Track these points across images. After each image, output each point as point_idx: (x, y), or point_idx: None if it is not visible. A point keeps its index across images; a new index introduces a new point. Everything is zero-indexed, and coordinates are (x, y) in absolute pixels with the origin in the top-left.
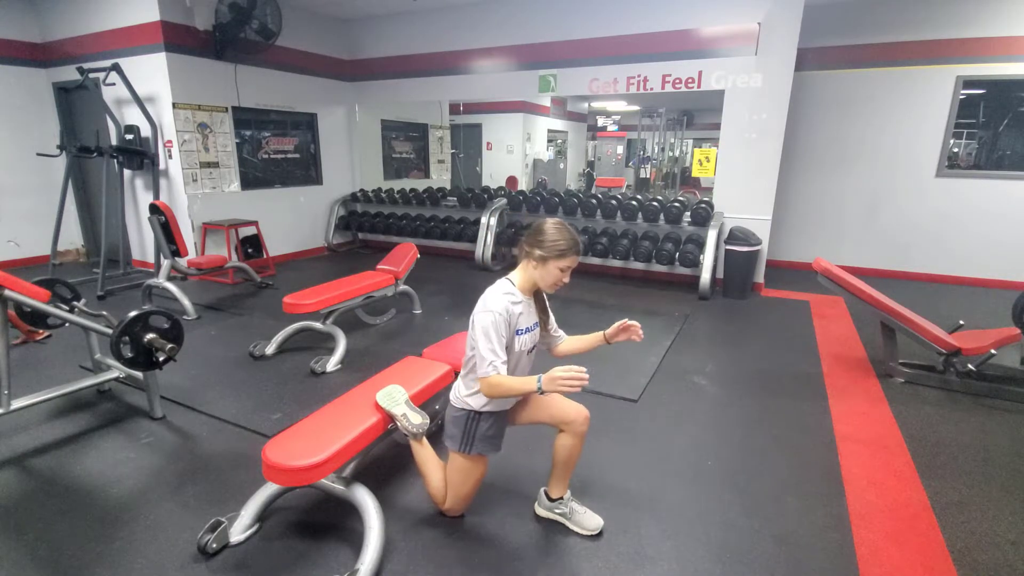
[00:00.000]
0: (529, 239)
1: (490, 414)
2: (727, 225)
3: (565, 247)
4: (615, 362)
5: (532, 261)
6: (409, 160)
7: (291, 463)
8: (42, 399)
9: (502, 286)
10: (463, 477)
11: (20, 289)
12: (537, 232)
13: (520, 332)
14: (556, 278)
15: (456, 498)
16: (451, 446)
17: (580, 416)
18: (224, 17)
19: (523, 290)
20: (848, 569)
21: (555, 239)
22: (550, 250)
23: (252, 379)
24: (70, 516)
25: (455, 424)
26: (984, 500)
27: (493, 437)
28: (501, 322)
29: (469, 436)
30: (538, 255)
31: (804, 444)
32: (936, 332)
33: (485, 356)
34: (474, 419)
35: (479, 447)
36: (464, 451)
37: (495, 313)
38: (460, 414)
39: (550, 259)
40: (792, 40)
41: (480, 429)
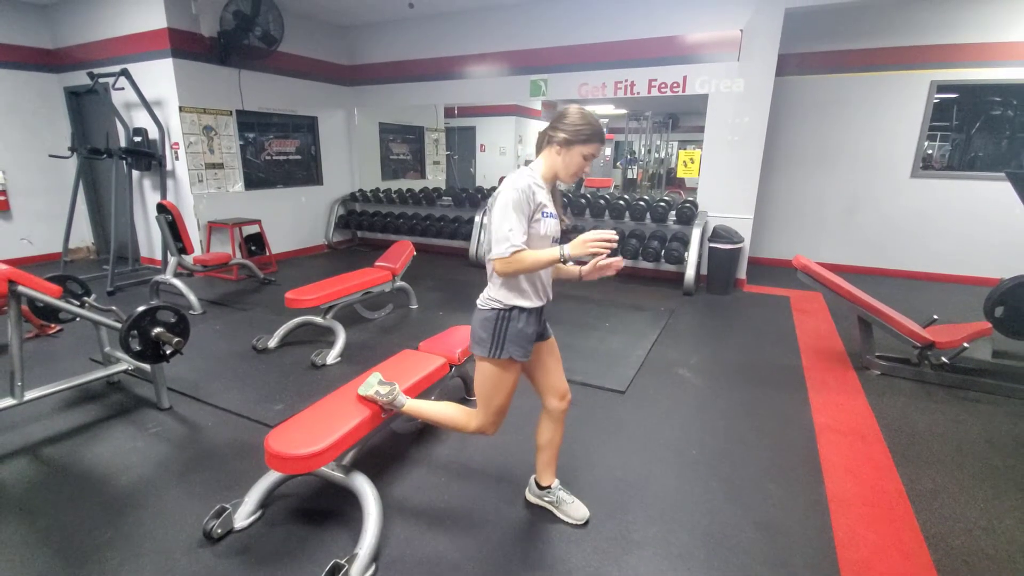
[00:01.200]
0: (553, 124)
1: (521, 310)
2: (711, 224)
3: (591, 132)
4: (603, 355)
5: (555, 146)
6: (406, 161)
7: (293, 452)
8: (54, 390)
9: (524, 171)
10: (493, 386)
11: (33, 285)
12: (562, 116)
13: (546, 214)
14: (579, 165)
15: (487, 412)
16: (479, 352)
17: (561, 397)
18: (228, 24)
19: (545, 178)
20: (826, 553)
21: (580, 123)
22: (576, 134)
23: (255, 371)
24: (81, 503)
25: (483, 326)
26: (957, 488)
27: (524, 338)
28: (524, 200)
29: (499, 337)
30: (562, 138)
31: (784, 434)
32: (911, 326)
33: (504, 234)
34: (504, 317)
35: (509, 349)
36: (494, 355)
37: (519, 190)
38: (490, 314)
39: (576, 143)
40: (773, 46)
41: (511, 328)
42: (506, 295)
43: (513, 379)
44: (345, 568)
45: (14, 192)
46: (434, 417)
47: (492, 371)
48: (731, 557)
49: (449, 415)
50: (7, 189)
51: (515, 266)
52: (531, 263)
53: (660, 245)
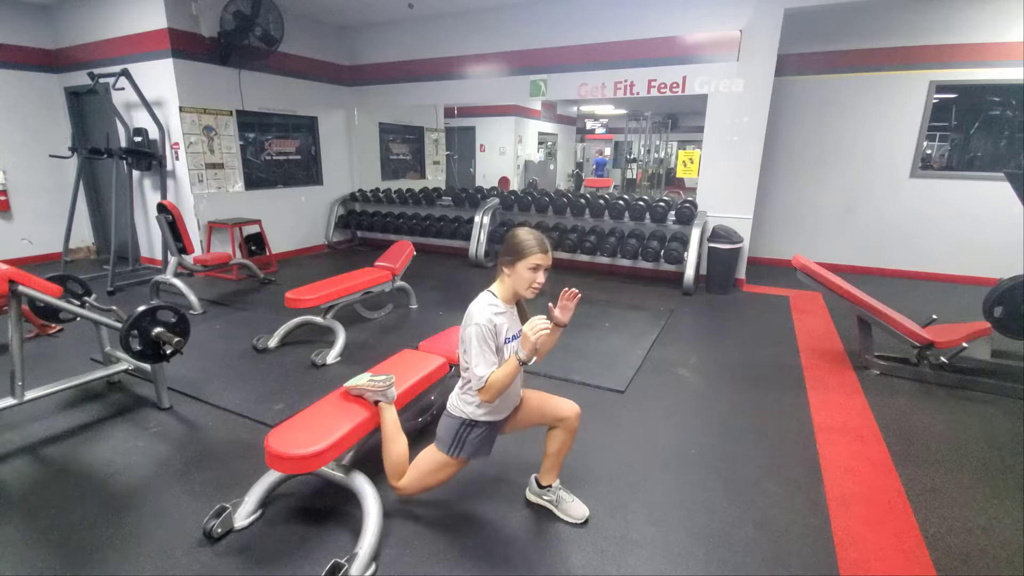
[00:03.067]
0: (501, 252)
1: (484, 423)
2: (710, 224)
3: (528, 246)
4: (602, 354)
5: (504, 270)
6: (406, 161)
7: (293, 451)
8: (55, 390)
9: (484, 298)
10: (434, 470)
11: (33, 285)
12: (505, 242)
13: (508, 340)
14: (529, 279)
15: (416, 482)
16: (439, 447)
17: (573, 413)
18: (229, 25)
19: (505, 300)
20: (826, 553)
21: (519, 242)
22: (516, 254)
23: (255, 371)
24: (81, 502)
25: (447, 429)
26: (956, 487)
27: (483, 444)
28: (486, 333)
29: (459, 441)
30: (507, 260)
31: (784, 433)
32: (910, 326)
33: (479, 365)
34: (467, 427)
35: (467, 451)
36: (451, 454)
37: (479, 325)
38: (454, 420)
39: (517, 262)
40: (772, 47)
41: (471, 436)
42: (473, 410)
43: (454, 471)
44: (345, 567)
45: (14, 192)
46: (389, 443)
47: (441, 461)
48: (730, 556)
49: (397, 456)
50: (8, 189)
51: (494, 388)
52: (501, 378)
53: (660, 245)
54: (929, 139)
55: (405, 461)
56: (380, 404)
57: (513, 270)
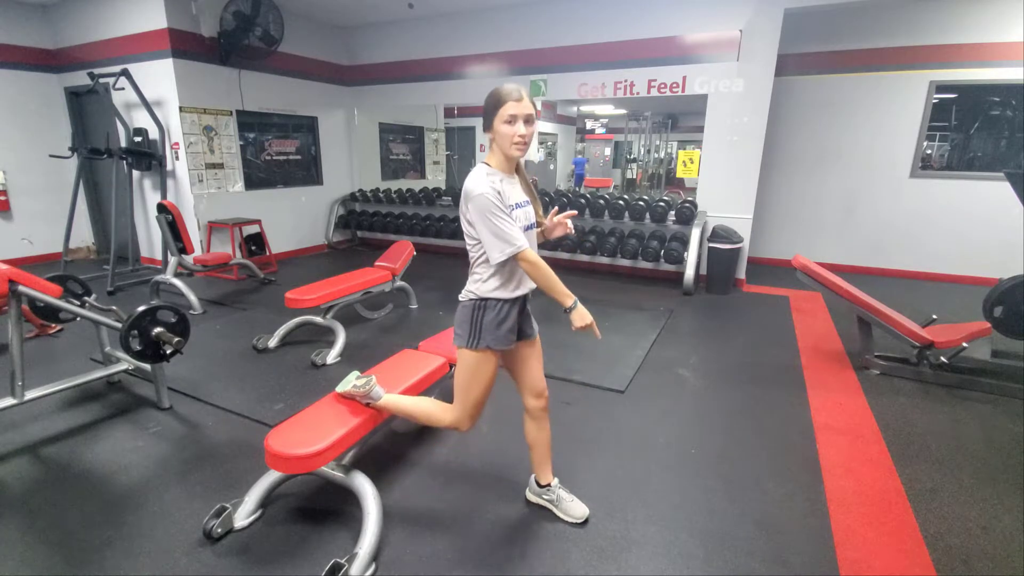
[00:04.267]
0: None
1: (497, 301)
2: (710, 224)
3: (495, 98)
4: (602, 355)
5: (488, 134)
6: (406, 161)
7: (293, 451)
8: (54, 390)
9: (479, 169)
10: (471, 376)
11: (33, 285)
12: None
13: (513, 208)
14: (509, 132)
15: (464, 405)
16: (459, 343)
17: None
18: (229, 24)
19: (499, 167)
20: (826, 552)
21: (491, 97)
22: (490, 110)
23: (255, 371)
24: (81, 502)
25: (461, 317)
26: (956, 487)
27: (502, 328)
28: (495, 198)
29: (476, 327)
30: (487, 123)
31: (784, 433)
32: (910, 326)
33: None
34: (480, 307)
35: (486, 339)
36: (471, 345)
37: (483, 195)
38: (467, 305)
39: (492, 118)
40: (773, 46)
41: (487, 318)
42: (481, 287)
43: (491, 371)
44: (345, 567)
45: (14, 192)
46: (410, 411)
47: (470, 361)
48: (730, 556)
49: (424, 408)
50: (8, 189)
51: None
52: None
53: (659, 245)
54: (929, 139)
55: (437, 405)
56: (370, 405)
57: (494, 131)
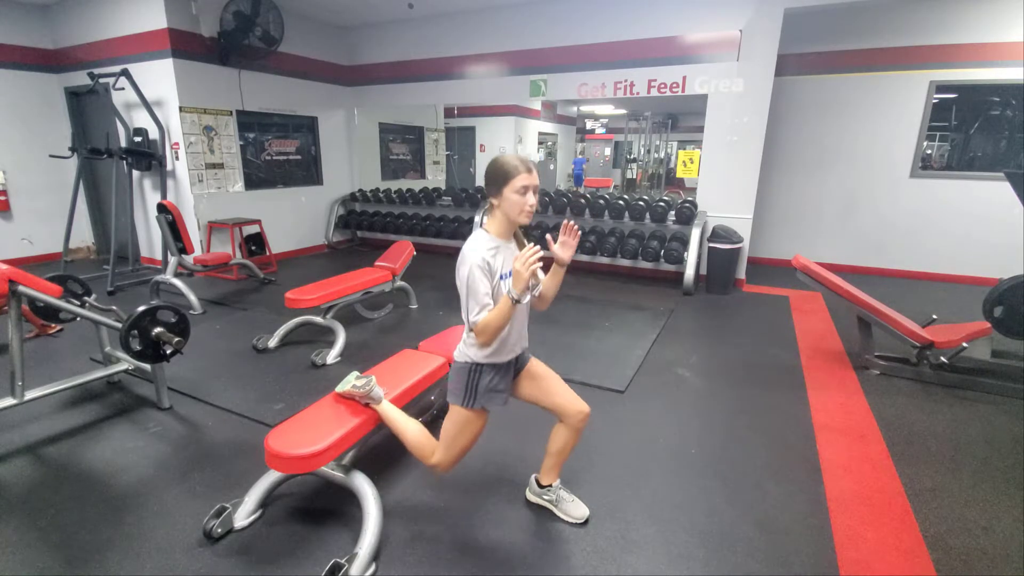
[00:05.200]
0: (485, 184)
1: (492, 366)
2: (710, 224)
3: (508, 169)
4: (602, 354)
5: (493, 200)
6: (406, 161)
7: (293, 451)
8: (55, 390)
9: (477, 236)
10: (459, 429)
11: (33, 285)
12: (487, 174)
13: (504, 277)
14: (519, 203)
15: (448, 451)
16: (453, 401)
17: (579, 413)
18: (229, 24)
19: (499, 234)
20: (826, 553)
21: (500, 166)
22: (501, 180)
23: (255, 371)
24: (81, 502)
25: (457, 378)
26: (956, 487)
27: (496, 390)
28: (478, 273)
29: (471, 389)
30: (493, 190)
31: (784, 433)
32: (910, 326)
33: (472, 308)
34: (476, 371)
35: (482, 400)
36: (467, 405)
37: (471, 265)
38: (462, 367)
39: (503, 188)
40: (772, 47)
41: (482, 382)
42: (476, 352)
43: (480, 426)
44: (345, 567)
45: (14, 192)
46: (400, 431)
47: (462, 417)
48: (730, 556)
49: (415, 438)
50: (7, 189)
51: (488, 329)
52: (495, 319)
53: (660, 245)
54: (929, 139)
55: (427, 439)
56: (371, 406)
57: (501, 198)
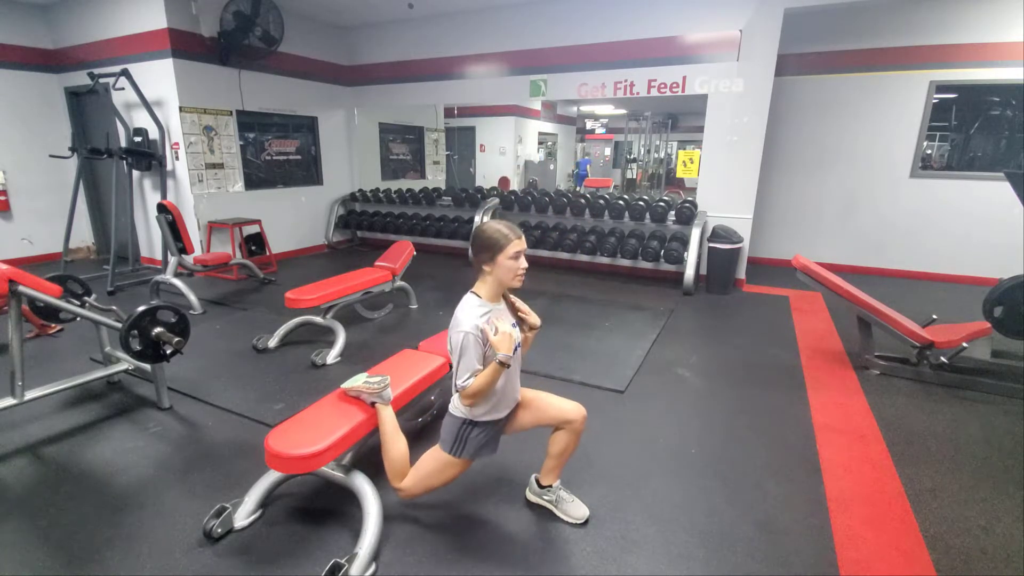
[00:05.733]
0: (474, 252)
1: (484, 423)
2: (710, 224)
3: (502, 237)
4: (602, 354)
5: (485, 267)
6: (406, 161)
7: (293, 451)
8: (54, 390)
9: (469, 301)
10: (437, 471)
11: (33, 285)
12: (475, 241)
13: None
14: (513, 269)
15: (417, 484)
16: (442, 447)
17: (577, 415)
18: (229, 24)
19: (490, 298)
20: (826, 553)
21: (490, 236)
22: (493, 248)
23: (255, 371)
24: (81, 502)
25: (448, 428)
26: (956, 487)
27: (485, 444)
28: (471, 341)
29: (461, 441)
30: (486, 258)
31: (784, 433)
32: (910, 326)
33: (462, 373)
34: (467, 426)
35: (469, 452)
36: (454, 454)
37: (464, 333)
38: (455, 421)
39: (497, 255)
40: (772, 47)
41: (472, 436)
42: (472, 410)
43: (458, 472)
44: (345, 567)
45: (14, 192)
46: (388, 443)
47: (443, 461)
48: (730, 556)
49: (398, 455)
50: (7, 189)
51: (476, 395)
52: (484, 387)
53: (659, 245)
54: (929, 139)
55: (406, 462)
56: (376, 405)
57: (494, 265)
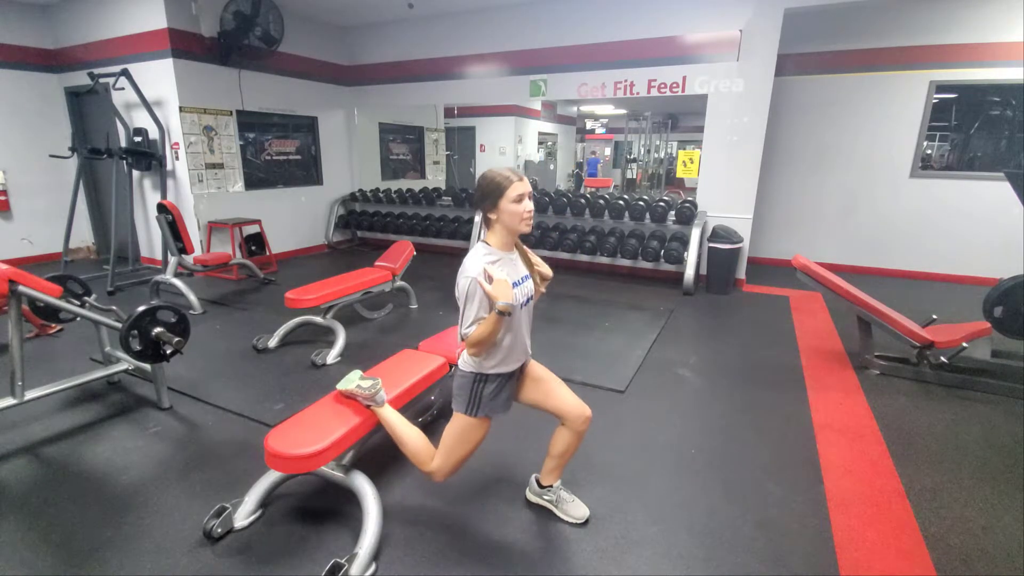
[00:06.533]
0: (478, 201)
1: (497, 376)
2: (710, 223)
3: (501, 180)
4: (602, 354)
5: (491, 215)
6: (406, 161)
7: (293, 451)
8: (55, 390)
9: (479, 249)
10: (460, 438)
11: (33, 285)
12: (478, 189)
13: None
14: (517, 212)
15: (447, 460)
16: (457, 408)
17: (580, 416)
18: (229, 24)
19: (500, 246)
20: (826, 553)
21: (491, 180)
22: (495, 193)
23: (255, 371)
24: (81, 502)
25: (461, 387)
26: (956, 487)
27: (500, 399)
28: (477, 287)
29: (475, 398)
30: (488, 205)
31: (784, 433)
32: (910, 326)
33: (466, 319)
34: (480, 381)
35: (485, 409)
36: (470, 414)
37: (471, 279)
38: (467, 377)
39: (498, 200)
40: (772, 47)
41: (487, 391)
42: (479, 363)
43: (481, 435)
44: (345, 567)
45: (14, 192)
46: (400, 437)
47: (464, 425)
48: (731, 556)
49: (414, 444)
50: (8, 189)
51: (478, 344)
52: (484, 336)
53: (660, 245)
54: (929, 139)
55: (427, 445)
56: (372, 408)
57: (498, 210)
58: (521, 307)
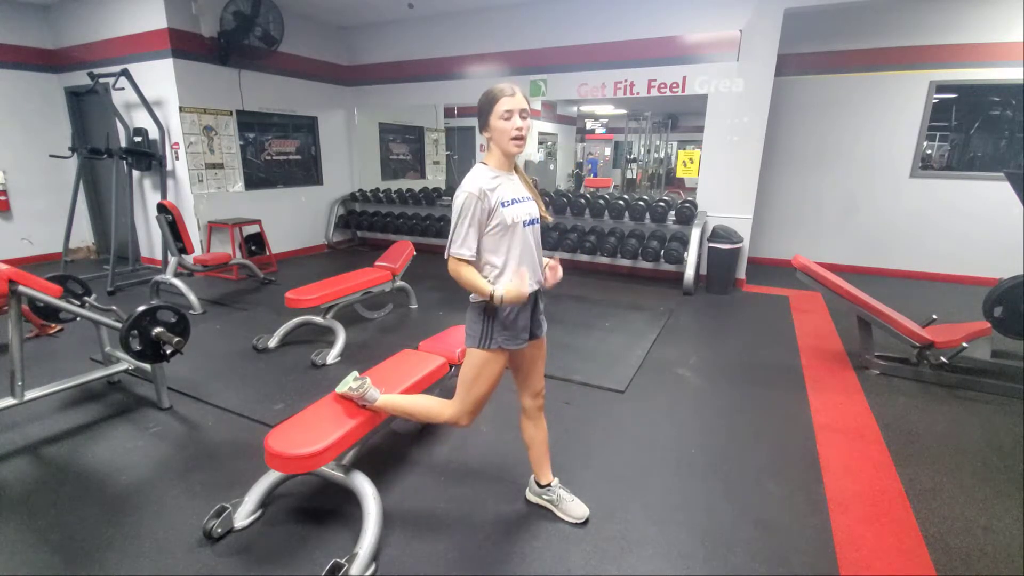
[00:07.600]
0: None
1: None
2: (710, 224)
3: (489, 96)
4: (602, 354)
5: (485, 135)
6: (406, 161)
7: (293, 451)
8: (55, 390)
9: (477, 168)
10: (476, 374)
11: (33, 285)
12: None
13: (506, 204)
14: (506, 130)
15: (464, 401)
16: (470, 344)
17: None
18: (229, 24)
19: (498, 166)
20: (826, 553)
21: (485, 96)
22: (486, 110)
23: (255, 371)
24: (81, 502)
25: (473, 318)
26: (956, 487)
27: (514, 328)
28: (473, 202)
29: (487, 327)
30: (481, 124)
31: (784, 433)
32: (910, 326)
33: (454, 237)
34: (492, 306)
35: (498, 339)
36: (483, 346)
37: (466, 192)
38: (476, 305)
39: (490, 116)
40: (772, 46)
41: (498, 318)
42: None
43: (499, 370)
44: (345, 567)
45: (14, 192)
46: (408, 409)
47: (479, 360)
48: (730, 556)
49: (422, 405)
50: (8, 189)
51: (456, 275)
52: (466, 280)
53: (660, 245)
54: (929, 139)
55: (437, 400)
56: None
57: (490, 129)
58: (525, 226)
